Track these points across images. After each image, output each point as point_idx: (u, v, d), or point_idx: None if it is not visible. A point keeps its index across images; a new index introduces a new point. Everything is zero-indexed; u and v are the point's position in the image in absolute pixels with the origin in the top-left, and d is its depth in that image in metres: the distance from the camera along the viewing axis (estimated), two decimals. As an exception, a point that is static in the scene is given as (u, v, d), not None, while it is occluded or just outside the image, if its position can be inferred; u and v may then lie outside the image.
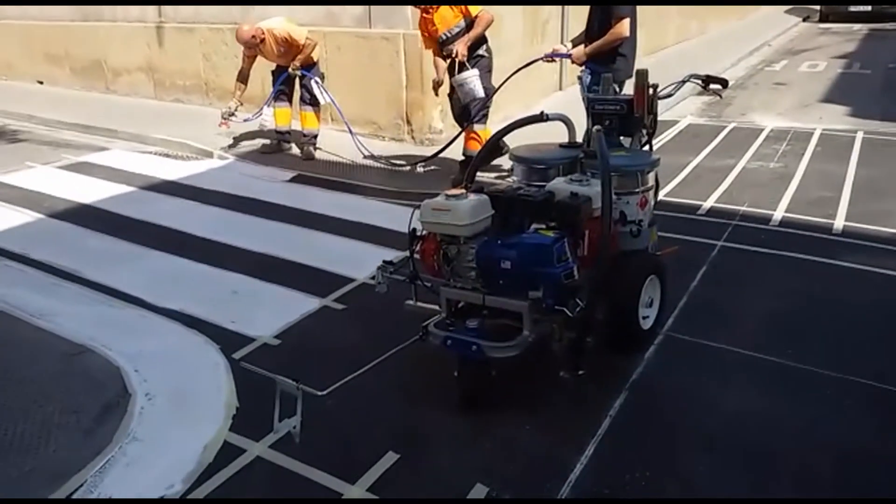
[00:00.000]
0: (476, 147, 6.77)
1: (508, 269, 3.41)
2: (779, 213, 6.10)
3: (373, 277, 4.29)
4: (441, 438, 3.42)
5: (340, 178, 7.43)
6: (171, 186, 7.38)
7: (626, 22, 5.48)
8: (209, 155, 8.48)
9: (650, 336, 4.07)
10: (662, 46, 14.72)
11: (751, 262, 5.19)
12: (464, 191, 3.58)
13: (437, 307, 3.99)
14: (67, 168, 8.27)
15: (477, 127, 6.82)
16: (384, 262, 4.12)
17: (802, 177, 7.07)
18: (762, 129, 8.96)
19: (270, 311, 4.70)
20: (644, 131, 4.25)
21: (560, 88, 11.53)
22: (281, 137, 8.42)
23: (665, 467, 3.17)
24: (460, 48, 6.49)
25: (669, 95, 4.38)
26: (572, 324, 3.44)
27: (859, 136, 8.52)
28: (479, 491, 3.07)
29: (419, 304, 4.09)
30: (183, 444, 3.45)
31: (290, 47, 7.83)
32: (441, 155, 7.05)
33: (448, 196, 3.53)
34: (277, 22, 7.87)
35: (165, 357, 4.20)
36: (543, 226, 3.54)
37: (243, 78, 8.24)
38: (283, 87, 8.12)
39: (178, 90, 11.16)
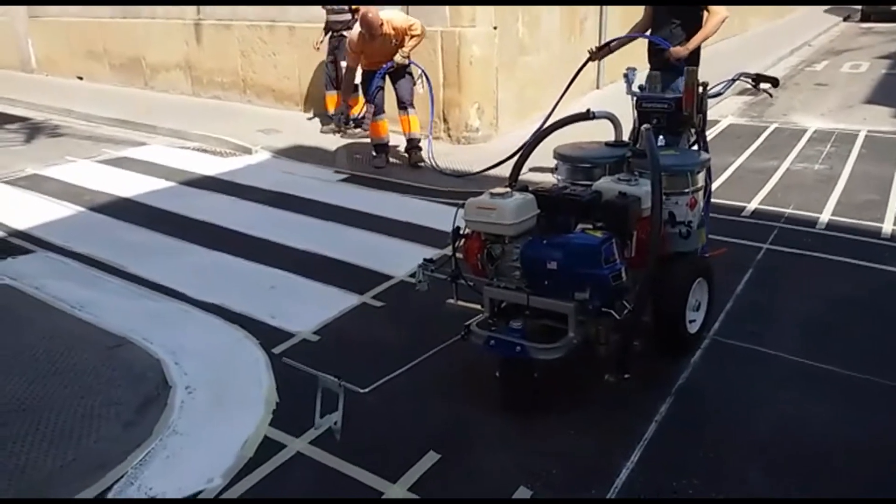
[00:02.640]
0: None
1: (554, 270, 3.35)
2: (825, 216, 5.97)
3: (413, 275, 4.25)
4: (483, 439, 3.37)
5: (382, 176, 7.39)
6: (209, 182, 7.41)
7: (724, 9, 5.34)
8: (248, 151, 8.50)
9: (696, 340, 3.98)
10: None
11: (797, 266, 5.08)
12: (508, 189, 3.53)
13: (478, 306, 3.96)
14: (107, 162, 8.36)
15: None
16: (425, 260, 4.09)
17: (848, 179, 6.91)
18: (805, 130, 8.79)
19: (309, 307, 4.68)
20: (692, 130, 4.16)
21: (598, 87, 11.43)
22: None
23: (714, 475, 3.09)
24: None
25: (719, 94, 4.29)
26: (618, 326, 3.38)
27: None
28: (522, 493, 3.02)
29: (460, 302, 4.04)
30: (223, 438, 3.43)
31: (402, 39, 7.16)
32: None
33: (493, 195, 3.48)
34: (393, 12, 7.18)
35: (206, 351, 4.20)
36: (590, 226, 3.47)
37: (352, 82, 7.56)
38: (381, 84, 7.31)
39: (216, 87, 11.23)
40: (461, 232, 3.68)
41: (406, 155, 7.70)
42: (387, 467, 3.18)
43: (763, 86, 4.38)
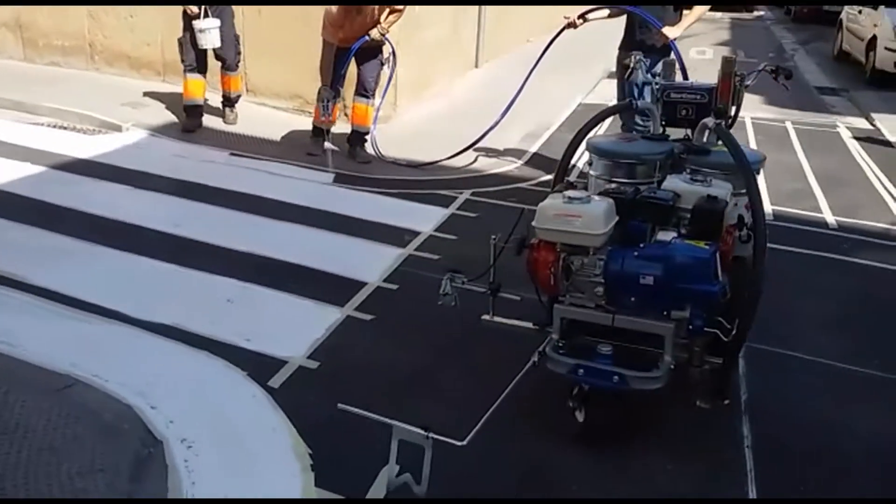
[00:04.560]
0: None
1: (650, 286, 2.94)
2: (767, 206, 5.98)
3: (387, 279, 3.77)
4: (576, 481, 2.92)
5: (310, 164, 6.62)
6: (87, 166, 6.27)
7: None
8: (117, 129, 7.35)
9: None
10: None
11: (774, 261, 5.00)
12: (586, 193, 3.07)
13: (518, 323, 3.50)
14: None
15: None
16: (450, 271, 3.56)
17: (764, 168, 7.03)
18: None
19: (286, 326, 3.99)
20: (723, 124, 3.88)
21: (476, 66, 11.12)
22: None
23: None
24: None
25: (747, 86, 4.03)
26: (714, 347, 3.04)
27: (789, 126, 8.69)
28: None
29: (497, 318, 3.57)
30: (265, 509, 2.75)
31: (380, 14, 6.32)
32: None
33: (571, 199, 3.00)
34: None
35: (183, 389, 3.42)
36: (674, 233, 3.08)
37: (332, 61, 6.49)
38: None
39: (55, 51, 9.69)
40: (526, 242, 3.17)
41: (349, 146, 6.85)
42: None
43: (781, 80, 4.19)
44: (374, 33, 6.31)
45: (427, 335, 3.93)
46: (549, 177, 6.49)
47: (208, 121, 7.50)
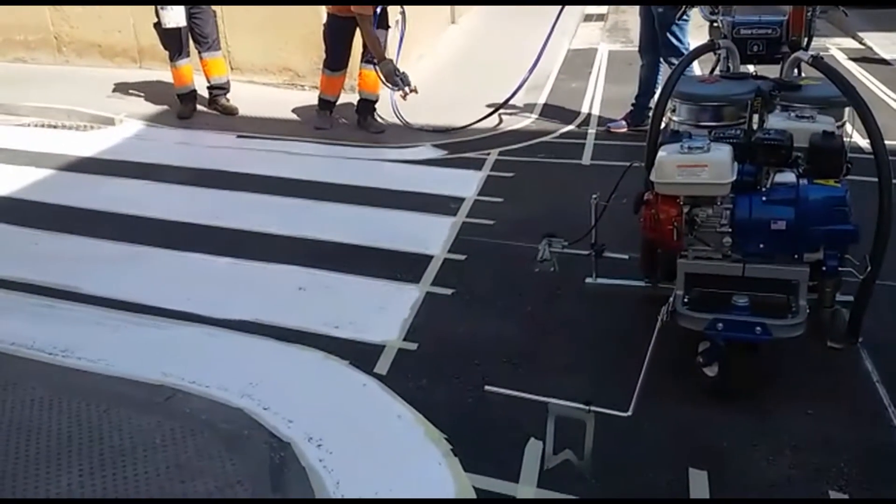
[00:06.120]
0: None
1: (782, 230, 2.87)
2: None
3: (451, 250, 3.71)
4: (736, 443, 2.85)
5: (325, 139, 6.38)
6: (100, 164, 5.95)
7: None
8: (110, 122, 7.00)
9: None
10: None
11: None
12: (707, 140, 2.95)
13: (624, 283, 3.44)
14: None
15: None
16: (546, 235, 3.46)
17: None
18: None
19: (367, 308, 3.84)
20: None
21: (453, 21, 10.88)
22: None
23: None
24: None
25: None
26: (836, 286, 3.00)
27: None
28: (837, 496, 2.57)
29: (600, 280, 3.48)
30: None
31: None
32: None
33: (692, 149, 2.90)
34: None
35: (290, 385, 3.28)
36: (793, 174, 2.99)
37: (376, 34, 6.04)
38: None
39: (19, 48, 9.19)
40: (644, 198, 3.06)
41: (358, 116, 6.56)
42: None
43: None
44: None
45: (514, 304, 3.82)
46: (569, 127, 6.47)
47: (201, 105, 7.18)
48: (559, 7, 6.49)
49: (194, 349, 3.54)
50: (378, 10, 5.99)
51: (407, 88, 6.07)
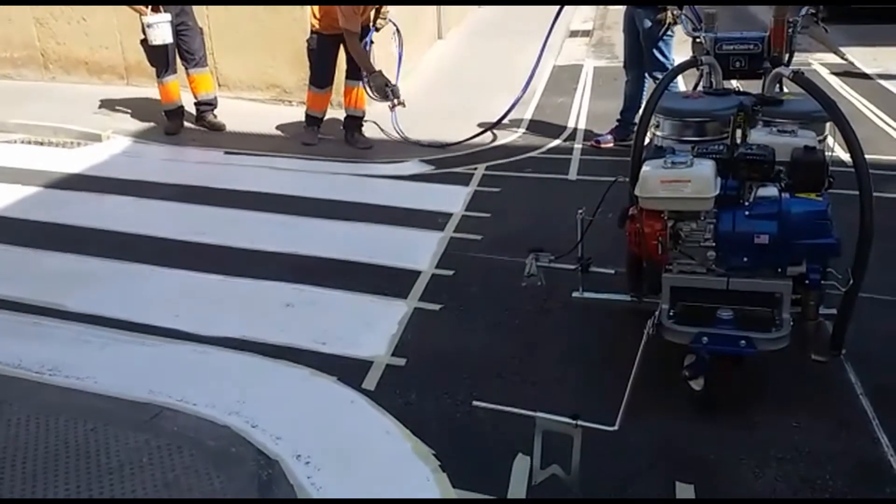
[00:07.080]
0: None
1: (765, 244, 2.90)
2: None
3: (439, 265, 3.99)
4: (723, 456, 2.87)
5: (310, 155, 6.41)
6: (86, 181, 5.94)
7: None
8: (97, 139, 7.00)
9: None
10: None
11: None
12: (689, 156, 2.99)
13: (611, 297, 3.47)
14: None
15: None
16: (532, 250, 3.48)
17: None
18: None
19: (355, 324, 3.85)
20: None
21: (440, 37, 10.94)
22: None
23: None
24: None
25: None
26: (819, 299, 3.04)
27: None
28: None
29: (587, 294, 3.50)
30: (411, 518, 2.64)
31: None
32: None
33: (675, 164, 2.93)
34: None
35: (277, 402, 3.27)
36: (775, 188, 3.03)
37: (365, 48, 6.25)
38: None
39: (4, 64, 9.19)
40: (629, 212, 3.09)
41: (345, 133, 6.60)
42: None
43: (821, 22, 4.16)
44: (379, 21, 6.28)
45: (502, 319, 3.84)
46: (556, 143, 6.52)
47: (188, 121, 7.19)
48: (550, 22, 6.53)
49: (181, 367, 3.54)
50: (370, 27, 6.04)
51: (396, 101, 6.11)
